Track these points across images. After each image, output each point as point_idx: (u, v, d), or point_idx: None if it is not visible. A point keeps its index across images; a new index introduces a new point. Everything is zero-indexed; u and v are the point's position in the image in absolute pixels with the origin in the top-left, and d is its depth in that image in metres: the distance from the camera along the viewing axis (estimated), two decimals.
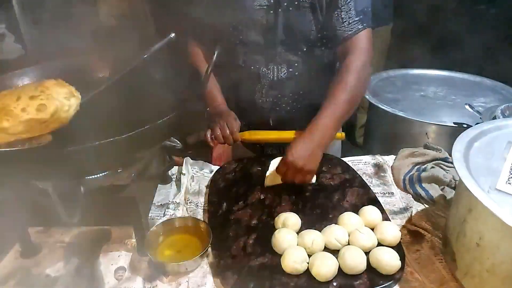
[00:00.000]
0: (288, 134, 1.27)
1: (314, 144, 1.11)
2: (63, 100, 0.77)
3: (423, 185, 1.16)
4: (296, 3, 1.20)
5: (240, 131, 1.43)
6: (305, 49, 1.27)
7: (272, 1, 1.20)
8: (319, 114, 1.16)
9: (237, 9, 1.23)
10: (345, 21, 1.21)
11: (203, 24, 1.29)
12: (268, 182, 1.18)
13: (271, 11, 1.21)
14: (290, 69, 1.30)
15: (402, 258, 0.90)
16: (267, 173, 1.19)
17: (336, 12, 1.20)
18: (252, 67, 1.31)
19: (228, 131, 1.24)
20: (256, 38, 1.26)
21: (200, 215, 1.11)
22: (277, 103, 1.37)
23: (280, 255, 0.91)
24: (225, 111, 1.32)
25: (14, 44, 2.38)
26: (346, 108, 1.17)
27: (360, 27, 1.21)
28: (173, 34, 1.10)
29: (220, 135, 1.24)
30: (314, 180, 1.18)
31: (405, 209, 1.12)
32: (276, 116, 1.41)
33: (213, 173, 1.26)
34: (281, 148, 1.50)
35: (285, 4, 1.20)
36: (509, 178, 0.83)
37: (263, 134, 1.31)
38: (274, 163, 1.18)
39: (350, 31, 1.21)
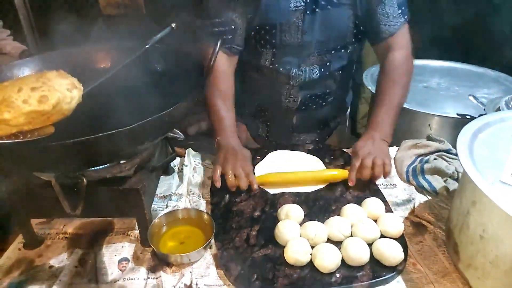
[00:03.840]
0: (310, 176, 1.13)
1: (376, 140, 1.16)
2: (65, 91, 0.77)
3: (426, 176, 1.16)
4: (335, 0, 1.16)
5: (257, 136, 1.39)
6: (339, 47, 1.26)
7: (308, 1, 1.15)
8: (375, 112, 1.22)
9: (271, 12, 1.17)
10: (389, 15, 1.20)
11: (232, 26, 1.20)
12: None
13: (308, 12, 1.17)
14: (322, 69, 1.28)
15: (405, 250, 0.90)
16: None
17: (380, 7, 1.19)
18: (282, 69, 1.27)
19: (243, 175, 1.08)
20: (291, 40, 1.21)
21: (203, 206, 1.11)
22: (305, 103, 1.36)
23: (283, 247, 0.91)
24: (240, 151, 1.15)
25: (2, 30, 2.36)
26: (399, 101, 1.23)
27: (402, 20, 1.22)
28: (174, 24, 1.09)
29: (233, 181, 1.07)
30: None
31: (408, 201, 1.12)
32: (301, 116, 1.40)
33: None
34: (295, 143, 1.49)
35: (323, 2, 1.15)
36: None
37: (283, 177, 1.13)
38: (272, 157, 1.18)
39: (395, 25, 1.21)
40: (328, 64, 1.27)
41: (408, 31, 1.25)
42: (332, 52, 1.25)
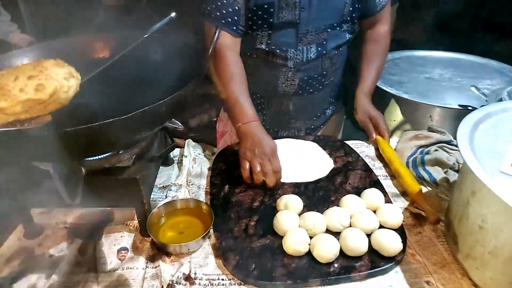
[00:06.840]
0: None
1: (367, 98, 1.36)
2: (62, 80, 0.76)
3: (427, 168, 1.15)
4: None
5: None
6: (335, 25, 1.26)
7: None
8: (365, 77, 1.37)
9: None
10: None
11: (235, 7, 1.18)
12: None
13: None
14: (319, 48, 1.28)
15: (404, 240, 0.90)
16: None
17: None
18: (278, 50, 1.26)
19: (271, 171, 1.04)
20: (288, 17, 1.20)
21: (202, 197, 1.11)
22: (302, 86, 1.35)
23: (282, 237, 0.91)
24: (266, 144, 1.07)
25: (11, 23, 2.35)
26: (382, 68, 1.42)
27: None
28: (173, 14, 1.08)
29: (260, 178, 1.04)
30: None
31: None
32: (298, 101, 1.39)
33: (215, 155, 1.26)
34: (291, 131, 1.48)
35: None
36: None
37: None
38: None
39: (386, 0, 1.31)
40: (324, 43, 1.27)
41: (389, 5, 1.36)
42: (328, 30, 1.25)
